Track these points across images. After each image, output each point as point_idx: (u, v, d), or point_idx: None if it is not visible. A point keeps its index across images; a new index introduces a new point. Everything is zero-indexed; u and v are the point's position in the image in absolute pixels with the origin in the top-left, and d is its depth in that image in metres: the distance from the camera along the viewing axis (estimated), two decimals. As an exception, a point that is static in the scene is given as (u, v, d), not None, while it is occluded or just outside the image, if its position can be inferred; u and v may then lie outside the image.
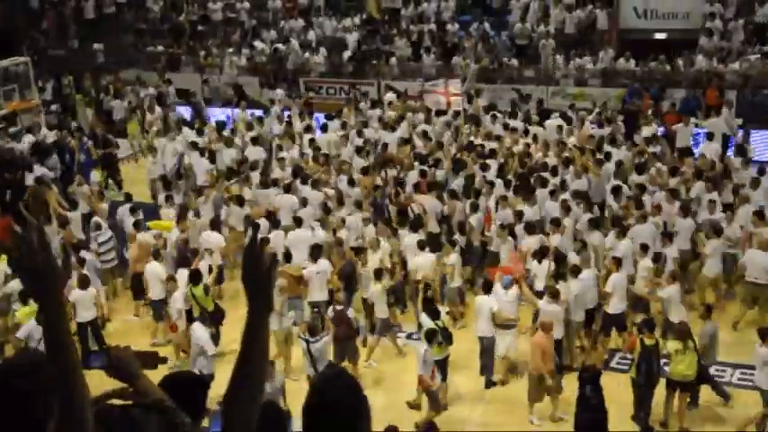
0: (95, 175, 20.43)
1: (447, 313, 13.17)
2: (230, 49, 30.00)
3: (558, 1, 28.28)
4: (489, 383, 13.04)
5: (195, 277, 13.74)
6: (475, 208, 16.03)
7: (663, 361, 11.74)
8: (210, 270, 14.70)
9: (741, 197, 16.14)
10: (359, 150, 19.69)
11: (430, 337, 11.84)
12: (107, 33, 32.43)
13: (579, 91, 25.51)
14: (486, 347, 12.91)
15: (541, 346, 11.78)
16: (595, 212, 16.04)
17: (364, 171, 18.32)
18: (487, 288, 13.12)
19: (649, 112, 21.90)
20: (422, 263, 14.61)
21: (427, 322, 12.44)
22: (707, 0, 26.52)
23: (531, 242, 14.69)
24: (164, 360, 3.14)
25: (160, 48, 31.09)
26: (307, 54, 28.90)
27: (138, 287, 15.53)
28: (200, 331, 12.35)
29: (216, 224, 16.24)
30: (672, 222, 15.64)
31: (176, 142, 21.05)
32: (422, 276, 14.50)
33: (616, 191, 16.52)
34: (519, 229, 15.29)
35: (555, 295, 12.54)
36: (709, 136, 19.96)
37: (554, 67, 26.52)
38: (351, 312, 13.01)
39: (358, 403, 2.83)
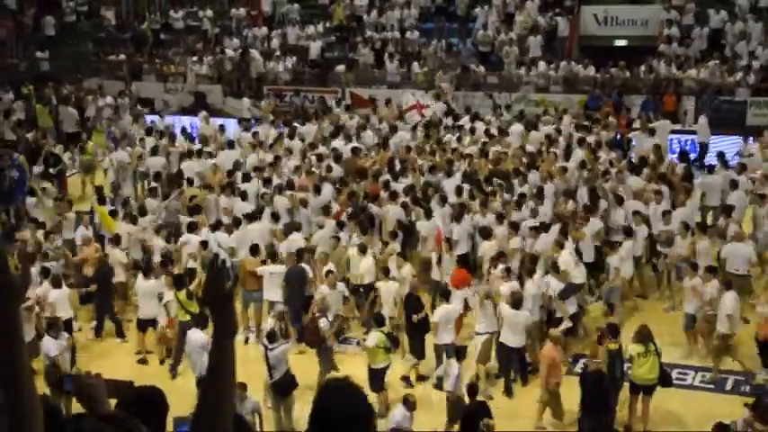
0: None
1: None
2: (193, 58, 29.90)
3: (522, 7, 28.57)
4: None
5: (179, 282, 13.88)
6: (429, 215, 15.94)
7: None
8: (192, 274, 14.68)
9: (680, 201, 16.32)
10: (337, 158, 19.55)
11: (460, 353, 11.72)
12: (67, 42, 32.14)
13: (541, 97, 25.78)
14: (449, 355, 12.82)
15: (551, 358, 11.74)
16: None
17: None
18: (447, 296, 13.14)
19: (609, 118, 22.15)
20: (365, 266, 14.57)
21: (372, 333, 12.47)
22: (665, 7, 26.96)
23: (486, 247, 14.83)
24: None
25: (122, 56, 30.87)
26: (272, 63, 28.88)
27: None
28: (195, 336, 12.30)
29: (195, 227, 16.02)
30: (616, 226, 15.84)
31: (118, 153, 20.80)
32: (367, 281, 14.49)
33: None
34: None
35: (518, 303, 12.68)
36: (651, 132, 20.43)
37: (517, 74, 26.71)
38: (323, 322, 12.84)
39: (363, 416, 2.86)
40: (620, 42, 27.63)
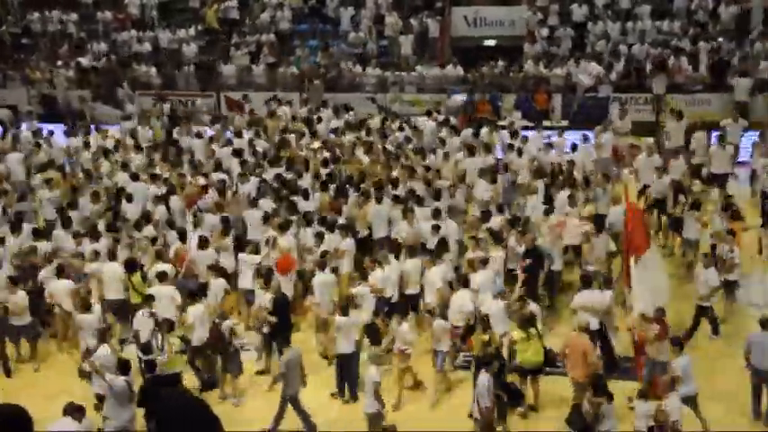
0: None
1: None
2: (59, 62, 28.96)
3: (393, 10, 29.05)
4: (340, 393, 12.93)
5: (131, 266, 13.93)
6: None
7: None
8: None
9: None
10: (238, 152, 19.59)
11: (488, 361, 11.24)
12: None
13: (415, 98, 26.31)
14: (345, 364, 12.73)
15: (583, 346, 11.51)
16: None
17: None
18: (346, 310, 12.85)
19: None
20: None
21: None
22: (530, 9, 28.00)
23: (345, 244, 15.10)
24: None
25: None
26: (144, 66, 28.32)
27: None
28: (117, 382, 11.14)
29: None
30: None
31: None
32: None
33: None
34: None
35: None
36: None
37: (392, 75, 27.13)
38: (225, 326, 12.54)
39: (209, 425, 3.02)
40: (490, 42, 28.54)
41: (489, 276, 13.61)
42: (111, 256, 14.47)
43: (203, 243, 14.87)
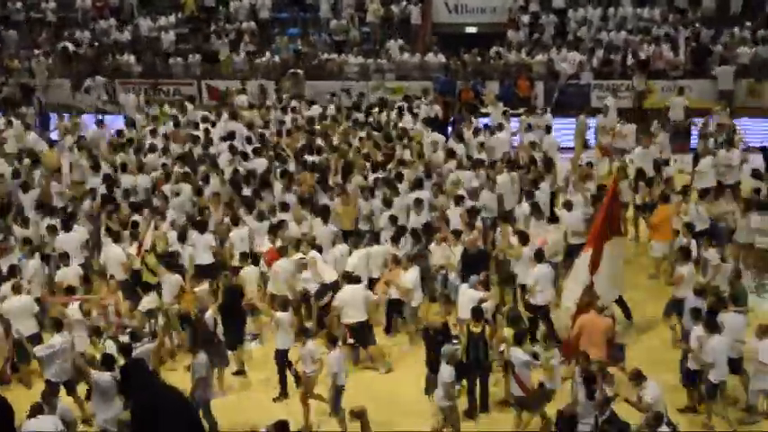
0: None
1: None
2: (36, 51, 28.69)
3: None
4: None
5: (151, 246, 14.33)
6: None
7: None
8: None
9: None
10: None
11: (520, 338, 11.28)
12: None
13: (398, 85, 26.24)
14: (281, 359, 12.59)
15: (605, 326, 11.56)
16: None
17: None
18: (285, 306, 12.77)
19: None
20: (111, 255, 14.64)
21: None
22: (512, -5, 28.01)
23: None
24: None
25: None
26: (125, 56, 28.12)
27: None
28: (104, 378, 11.05)
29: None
30: None
31: None
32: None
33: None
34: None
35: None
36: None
37: (374, 62, 27.03)
38: (208, 317, 12.46)
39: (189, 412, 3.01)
40: (471, 29, 28.51)
41: (417, 274, 13.57)
42: (116, 237, 14.81)
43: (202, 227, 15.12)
